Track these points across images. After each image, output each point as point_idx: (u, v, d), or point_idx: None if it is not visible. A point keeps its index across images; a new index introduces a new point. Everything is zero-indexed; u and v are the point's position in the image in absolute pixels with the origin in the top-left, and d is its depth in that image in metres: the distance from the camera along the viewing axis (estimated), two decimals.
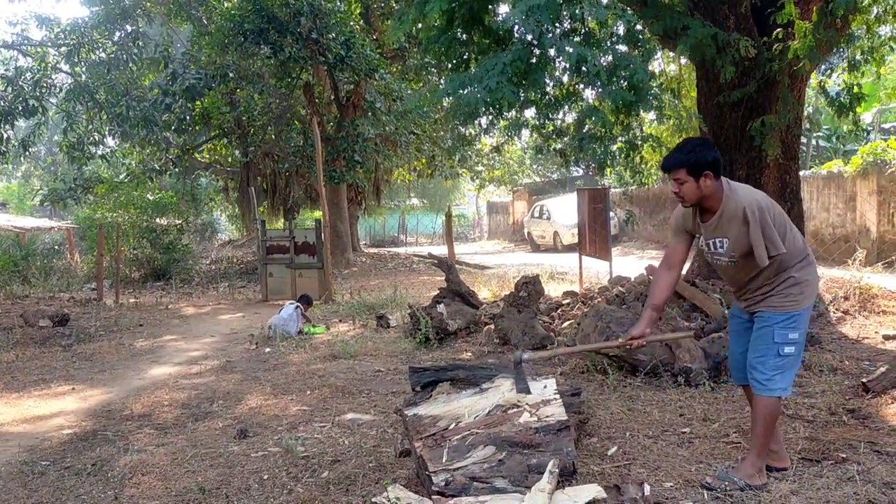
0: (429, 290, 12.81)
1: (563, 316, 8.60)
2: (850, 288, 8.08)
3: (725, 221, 3.52)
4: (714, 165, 3.51)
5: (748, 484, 3.50)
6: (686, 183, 3.54)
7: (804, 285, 3.55)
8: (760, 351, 3.58)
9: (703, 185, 3.51)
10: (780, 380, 3.53)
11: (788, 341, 3.51)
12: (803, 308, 3.55)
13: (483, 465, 3.59)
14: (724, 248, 3.58)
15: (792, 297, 3.53)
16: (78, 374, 7.63)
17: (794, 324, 3.52)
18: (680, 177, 3.55)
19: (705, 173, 3.50)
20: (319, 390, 6.18)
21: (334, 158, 17.61)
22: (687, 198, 3.59)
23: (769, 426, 3.60)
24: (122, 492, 4.09)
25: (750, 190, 3.61)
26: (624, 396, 5.34)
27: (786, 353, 3.51)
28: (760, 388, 3.57)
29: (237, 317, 11.79)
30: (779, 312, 3.54)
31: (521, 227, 29.49)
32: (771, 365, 3.53)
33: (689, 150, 3.57)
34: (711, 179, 3.51)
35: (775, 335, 3.52)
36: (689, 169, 3.52)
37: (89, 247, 19.14)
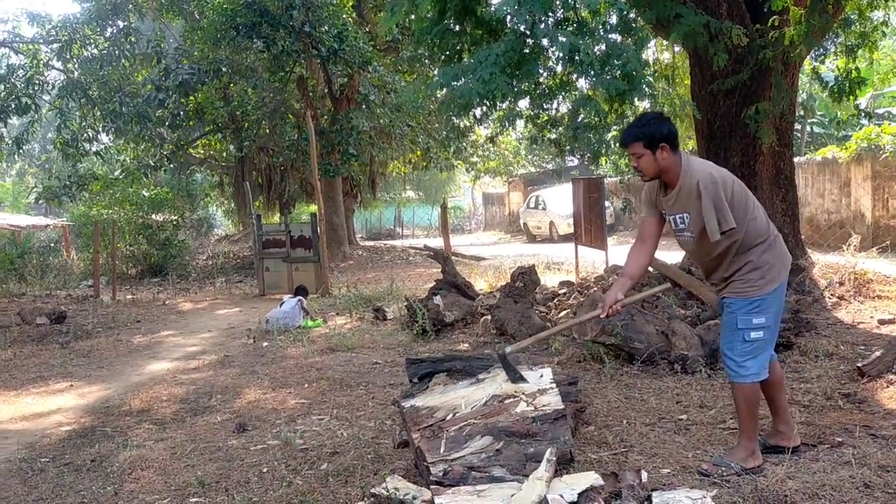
0: (425, 282, 12.83)
1: (559, 306, 8.62)
2: (845, 273, 8.10)
3: (684, 196, 3.53)
4: (670, 138, 3.53)
5: (744, 467, 3.52)
6: (643, 156, 3.56)
7: (765, 269, 3.53)
8: (727, 337, 3.61)
9: (659, 157, 3.53)
10: (751, 365, 3.54)
11: (753, 326, 3.51)
12: (767, 292, 3.53)
13: (481, 454, 3.61)
14: (685, 223, 3.59)
15: (752, 283, 3.52)
16: (76, 370, 7.64)
17: (759, 308, 3.52)
18: (637, 150, 3.57)
19: (661, 146, 3.51)
20: (317, 383, 6.19)
21: (329, 152, 17.58)
22: (645, 171, 3.61)
23: (750, 409, 3.61)
24: (122, 487, 4.10)
25: (707, 164, 3.62)
26: (621, 385, 5.36)
27: (752, 339, 3.52)
28: (733, 375, 3.60)
29: (234, 312, 11.79)
30: (741, 298, 3.55)
31: (516, 217, 29.49)
32: (739, 351, 3.55)
33: (645, 124, 3.59)
34: (668, 152, 3.52)
35: (738, 321, 3.54)
36: (646, 142, 3.53)
37: (85, 244, 19.08)
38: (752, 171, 8.08)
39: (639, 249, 3.83)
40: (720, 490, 3.36)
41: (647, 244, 3.82)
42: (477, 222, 40.17)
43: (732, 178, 3.58)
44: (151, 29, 18.32)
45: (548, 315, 8.20)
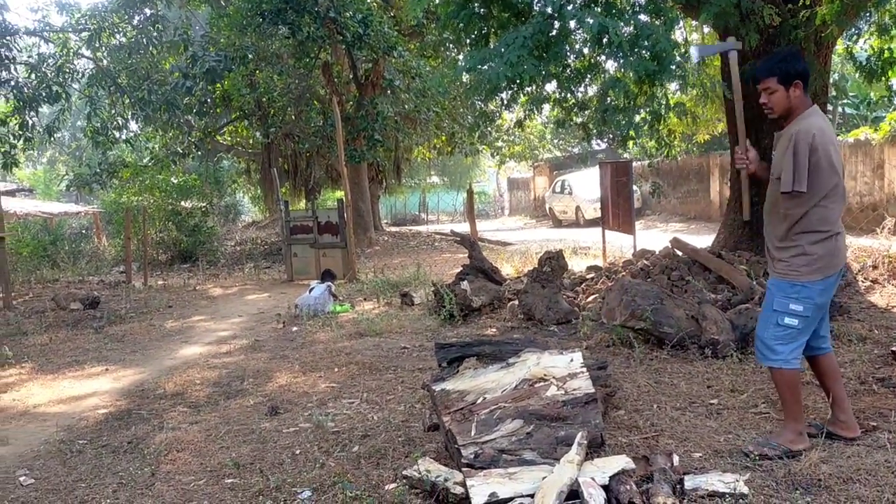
0: (451, 267, 12.85)
1: (587, 290, 8.59)
2: (879, 257, 7.98)
3: (784, 138, 3.50)
4: (804, 75, 3.48)
5: (789, 450, 3.50)
6: (776, 92, 3.52)
7: (813, 259, 3.46)
8: (763, 316, 3.59)
9: (792, 94, 3.49)
10: (781, 350, 3.49)
11: (789, 312, 3.46)
12: (809, 281, 3.46)
13: (511, 437, 3.63)
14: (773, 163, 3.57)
15: (796, 267, 3.47)
16: (111, 355, 7.78)
17: (798, 296, 3.46)
18: (770, 85, 3.52)
19: (795, 82, 3.47)
20: (347, 367, 6.25)
21: (354, 138, 17.62)
22: (776, 108, 3.55)
23: (791, 393, 3.58)
24: (159, 468, 4.19)
25: (823, 123, 3.51)
26: (651, 369, 5.34)
27: (786, 324, 3.47)
28: (761, 357, 3.57)
29: (263, 297, 11.91)
30: (782, 280, 3.51)
31: (542, 202, 29.36)
32: (770, 334, 3.51)
33: (781, 59, 3.53)
34: (801, 90, 3.48)
35: (775, 303, 3.50)
36: (781, 77, 3.49)
37: (116, 230, 19.39)
38: None
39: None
40: (753, 474, 3.35)
41: None
42: (502, 207, 40.06)
43: (836, 154, 3.47)
44: (178, 17, 18.46)
45: (576, 300, 8.18)
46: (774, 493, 3.15)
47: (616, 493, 3.15)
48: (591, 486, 3.06)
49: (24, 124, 15.14)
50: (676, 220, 21.40)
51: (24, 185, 34.86)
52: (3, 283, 11.60)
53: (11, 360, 7.53)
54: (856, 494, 3.08)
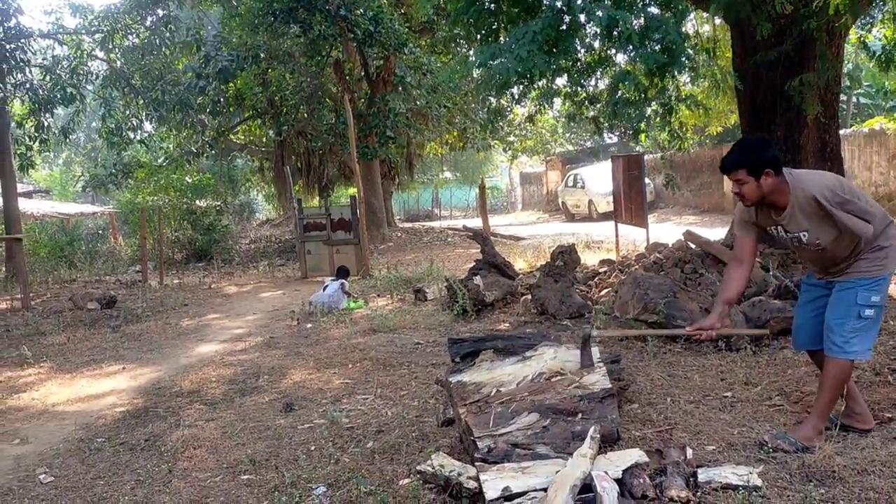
0: (464, 262, 12.87)
1: (600, 284, 8.58)
2: None
3: (799, 214, 3.48)
4: (774, 163, 3.46)
5: (805, 446, 3.49)
6: (747, 183, 3.50)
7: (889, 249, 3.52)
8: (840, 313, 3.55)
9: (763, 183, 3.47)
10: (857, 343, 3.50)
11: (870, 304, 3.49)
12: (888, 272, 3.53)
13: (527, 431, 3.64)
14: (806, 239, 3.53)
15: (878, 262, 3.51)
16: (127, 353, 7.86)
17: (878, 287, 3.50)
18: (740, 177, 3.51)
19: (765, 171, 3.45)
20: (361, 363, 6.28)
21: (366, 135, 17.66)
22: (748, 197, 3.55)
23: (837, 390, 3.58)
24: (176, 465, 4.24)
25: (814, 175, 3.58)
26: (664, 363, 5.34)
27: (866, 316, 3.49)
28: (836, 351, 3.53)
29: (278, 294, 11.98)
30: (863, 277, 3.52)
31: (555, 196, 29.31)
32: (849, 328, 3.50)
33: (748, 150, 3.53)
34: (772, 177, 3.46)
35: (858, 297, 3.50)
36: (749, 169, 3.48)
37: (132, 230, 19.55)
38: (796, 144, 7.91)
39: (736, 271, 3.79)
40: (766, 466, 3.35)
41: (745, 265, 3.77)
42: (515, 202, 40.00)
43: (839, 178, 3.58)
44: (190, 17, 18.55)
45: (588, 294, 8.17)
46: (788, 486, 3.15)
47: (629, 486, 3.15)
48: (605, 479, 3.07)
49: (39, 126, 15.31)
50: (690, 213, 21.30)
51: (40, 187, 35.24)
52: (21, 284, 11.74)
53: (30, 360, 7.62)
54: (870, 486, 3.07)
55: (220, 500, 3.67)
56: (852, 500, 2.97)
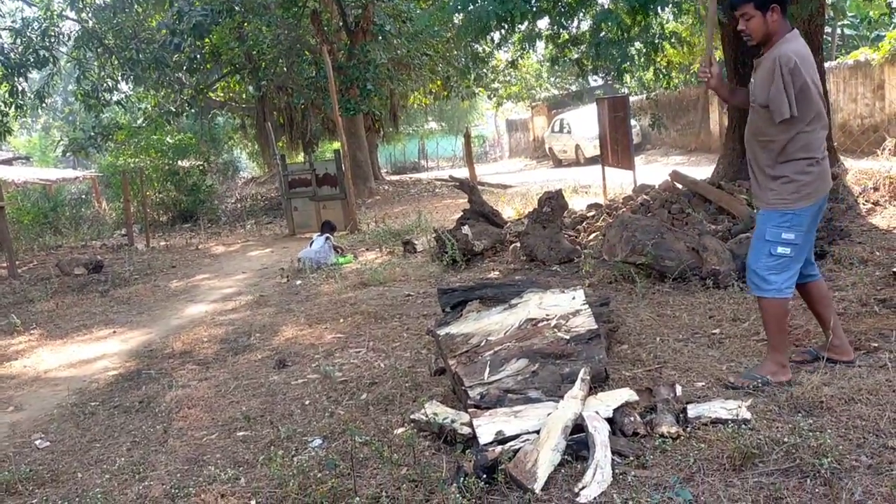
0: (453, 213, 12.82)
1: (588, 229, 8.58)
2: (880, 178, 7.92)
3: (765, 63, 3.45)
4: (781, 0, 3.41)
5: (771, 381, 3.52)
6: (753, 18, 3.45)
7: (801, 185, 3.44)
8: (755, 247, 3.56)
9: (769, 19, 3.42)
10: (774, 280, 3.48)
11: (782, 241, 3.45)
12: (799, 208, 3.45)
13: (517, 377, 3.66)
14: (751, 89, 3.51)
15: (785, 195, 3.44)
16: (117, 317, 7.84)
17: (789, 223, 3.44)
18: (747, 11, 3.46)
19: (772, 7, 3.40)
20: (352, 318, 6.29)
21: (348, 88, 17.40)
22: (754, 34, 3.49)
23: (777, 324, 3.58)
24: (171, 425, 4.26)
25: (800, 46, 3.46)
26: (653, 303, 5.36)
27: (779, 254, 3.46)
28: (755, 288, 3.55)
29: (266, 252, 11.94)
30: (772, 210, 3.48)
31: (541, 143, 29.13)
32: (763, 265, 3.49)
33: None
34: (778, 14, 3.42)
35: (767, 233, 3.48)
36: (757, 3, 3.42)
37: (115, 194, 19.36)
38: None
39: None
40: (755, 400, 3.39)
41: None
42: (502, 150, 39.77)
43: (817, 80, 3.46)
44: None
45: (577, 238, 8.17)
46: (777, 417, 3.19)
47: (620, 424, 3.19)
48: (596, 419, 3.10)
49: (13, 91, 15.00)
50: (676, 154, 21.24)
51: (20, 154, 34.68)
52: (6, 252, 11.63)
53: (20, 328, 7.60)
54: (857, 414, 3.11)
55: (216, 456, 3.69)
56: (840, 428, 3.01)
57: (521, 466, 2.88)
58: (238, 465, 3.52)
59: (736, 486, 2.68)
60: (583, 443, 3.02)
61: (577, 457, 2.99)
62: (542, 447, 2.94)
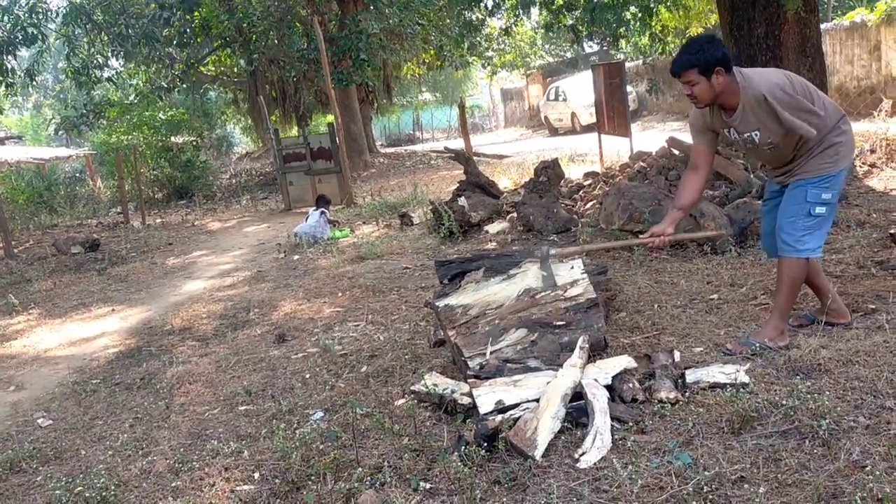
0: (449, 184, 12.78)
1: (585, 197, 8.56)
2: (877, 140, 7.90)
3: (749, 114, 3.42)
4: (724, 61, 3.38)
5: (769, 347, 3.53)
6: (698, 84, 3.42)
7: (839, 146, 3.47)
8: (791, 212, 3.54)
9: (715, 82, 3.39)
10: (809, 240, 3.50)
11: (821, 201, 3.47)
12: (839, 169, 3.49)
13: (516, 346, 3.68)
14: (758, 139, 3.48)
15: (828, 160, 3.47)
16: (115, 295, 7.84)
17: (828, 184, 3.47)
18: (691, 78, 3.43)
19: (716, 70, 3.37)
20: (350, 291, 6.29)
21: (340, 59, 17.21)
22: (701, 99, 3.47)
23: (794, 289, 3.61)
24: (173, 401, 4.27)
25: (764, 74, 3.49)
26: (651, 270, 5.37)
27: (817, 214, 3.48)
28: (788, 250, 3.54)
29: (263, 228, 11.92)
30: (814, 177, 3.49)
31: (537, 111, 28.95)
32: (801, 225, 3.50)
33: (697, 50, 3.42)
34: (723, 76, 3.38)
35: (808, 195, 3.48)
36: (700, 69, 3.39)
37: (109, 171, 19.24)
38: (776, 40, 7.76)
39: (692, 179, 3.74)
40: (753, 364, 3.40)
41: (701, 172, 3.72)
42: (497, 120, 39.53)
43: (789, 74, 3.50)
44: None
45: (574, 207, 8.16)
46: (775, 380, 3.21)
47: (620, 391, 3.21)
48: (595, 386, 3.12)
49: (3, 69, 14.83)
50: (673, 119, 21.12)
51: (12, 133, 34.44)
52: (2, 232, 11.59)
53: (18, 308, 7.59)
54: (855, 375, 3.13)
55: (219, 430, 3.71)
56: (838, 390, 3.03)
57: (521, 434, 2.90)
58: (241, 438, 3.54)
59: (735, 449, 2.70)
60: (582, 410, 3.04)
61: (577, 424, 3.02)
62: (542, 415, 2.96)
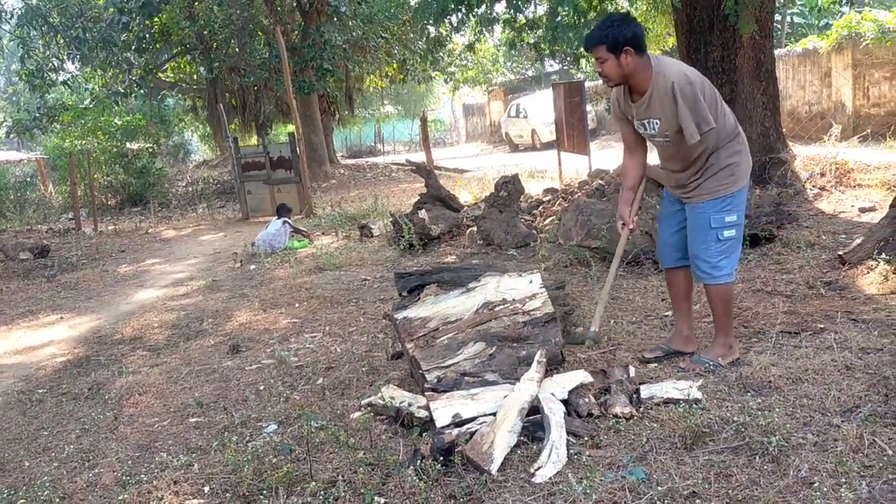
0: (409, 197, 12.78)
1: (544, 213, 8.63)
2: (827, 164, 8.12)
3: (656, 100, 3.39)
4: (634, 40, 3.35)
5: (720, 364, 3.58)
6: (607, 61, 3.39)
7: (734, 167, 3.47)
8: (700, 239, 3.54)
9: (623, 62, 3.36)
10: (725, 264, 3.53)
11: (726, 225, 3.48)
12: (738, 189, 3.49)
13: (474, 360, 3.68)
14: (657, 128, 3.46)
15: (723, 181, 3.46)
16: (64, 303, 7.64)
17: (730, 206, 3.48)
18: (601, 54, 3.40)
19: (625, 49, 3.34)
20: (308, 302, 6.23)
21: (302, 69, 17.14)
22: (610, 76, 3.44)
23: (728, 307, 3.65)
24: (122, 412, 4.17)
25: (680, 65, 3.48)
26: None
27: (726, 238, 3.49)
28: (707, 277, 3.56)
29: (219, 237, 11.75)
30: (712, 199, 3.49)
31: (498, 127, 29.15)
32: (714, 251, 3.51)
33: (608, 26, 3.40)
34: (633, 56, 3.35)
35: (711, 220, 3.49)
36: (609, 46, 3.36)
37: (62, 177, 18.79)
38: (732, 64, 7.96)
39: (630, 159, 3.77)
40: (706, 380, 3.46)
41: (636, 152, 3.73)
42: (458, 135, 39.69)
43: (701, 76, 3.46)
44: None
45: (533, 223, 8.21)
46: (727, 397, 3.26)
47: (575, 405, 3.23)
48: (551, 401, 3.13)
49: None
50: None
51: None
52: None
53: None
54: (804, 393, 3.20)
55: (168, 443, 3.62)
56: (787, 407, 3.09)
57: (477, 448, 2.89)
58: (191, 451, 3.46)
59: (687, 465, 2.73)
60: (539, 424, 3.04)
61: (533, 438, 3.02)
62: (499, 429, 2.95)
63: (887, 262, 4.78)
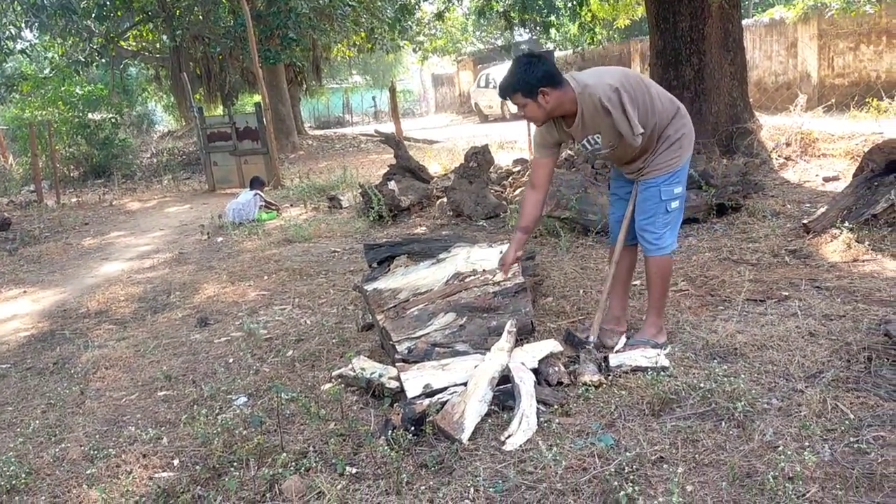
0: (378, 168, 12.70)
1: (514, 184, 8.63)
2: (792, 134, 8.22)
3: (589, 119, 3.34)
4: (547, 78, 3.26)
5: (656, 343, 3.59)
6: (527, 105, 3.33)
7: (682, 139, 3.48)
8: (649, 212, 3.54)
9: (542, 102, 3.29)
10: (668, 236, 3.55)
11: (673, 196, 3.50)
12: (684, 162, 3.52)
13: (445, 331, 3.68)
14: (599, 143, 3.43)
15: (673, 155, 3.47)
16: (27, 276, 7.49)
17: (678, 178, 3.51)
18: (519, 101, 3.34)
19: (540, 91, 3.26)
20: (276, 275, 6.18)
21: (268, 37, 16.81)
22: (535, 118, 3.39)
23: (665, 284, 3.66)
24: (88, 386, 4.11)
25: (599, 75, 3.38)
26: (577, 256, 5.46)
27: (672, 209, 3.52)
28: (652, 249, 3.56)
29: (185, 209, 11.58)
30: (661, 174, 3.49)
31: (467, 98, 29.01)
32: (660, 223, 3.53)
33: (518, 73, 3.31)
34: (550, 92, 3.27)
35: (662, 193, 3.49)
36: (524, 92, 3.29)
37: (22, 148, 18.32)
38: (700, 34, 7.98)
39: (532, 198, 3.61)
40: (673, 348, 3.50)
41: (540, 191, 3.61)
42: (427, 105, 39.44)
43: (624, 73, 3.41)
44: None
45: (503, 193, 8.21)
46: (694, 364, 3.31)
47: (545, 374, 3.25)
48: (522, 370, 3.15)
49: None
50: None
51: None
52: None
53: None
54: (769, 359, 3.26)
55: (137, 417, 3.59)
56: (753, 373, 3.15)
57: (448, 418, 2.90)
58: (160, 424, 3.43)
59: (655, 430, 2.77)
60: (509, 393, 3.07)
61: (504, 407, 3.04)
62: (470, 398, 2.97)
63: (850, 230, 4.87)
